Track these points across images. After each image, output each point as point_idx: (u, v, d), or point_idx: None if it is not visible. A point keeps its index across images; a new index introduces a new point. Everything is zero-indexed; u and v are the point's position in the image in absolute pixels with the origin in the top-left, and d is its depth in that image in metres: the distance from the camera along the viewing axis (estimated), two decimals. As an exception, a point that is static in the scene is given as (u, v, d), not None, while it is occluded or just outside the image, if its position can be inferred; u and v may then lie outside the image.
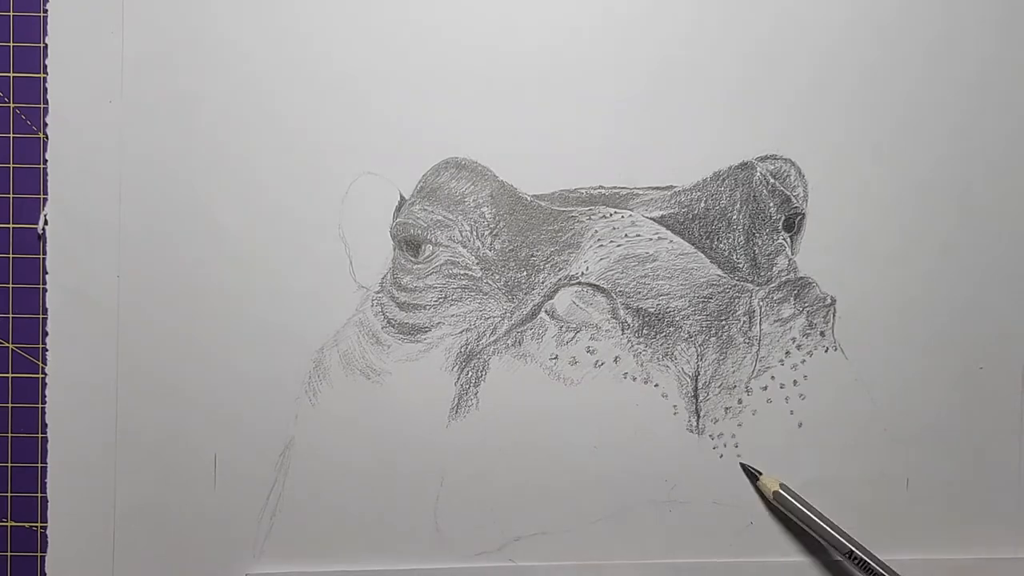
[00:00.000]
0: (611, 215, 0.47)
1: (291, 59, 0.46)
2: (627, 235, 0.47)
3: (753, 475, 0.46)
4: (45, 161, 0.46)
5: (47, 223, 0.46)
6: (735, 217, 0.47)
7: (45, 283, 0.46)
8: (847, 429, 0.47)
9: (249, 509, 0.46)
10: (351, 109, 0.46)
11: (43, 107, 0.46)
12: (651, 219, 0.47)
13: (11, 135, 0.46)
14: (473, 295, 0.47)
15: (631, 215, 0.47)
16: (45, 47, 0.46)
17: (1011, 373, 0.48)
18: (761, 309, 0.47)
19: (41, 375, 0.46)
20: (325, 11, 0.46)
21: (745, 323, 0.47)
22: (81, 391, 0.46)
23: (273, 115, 0.46)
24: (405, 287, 0.47)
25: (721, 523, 0.47)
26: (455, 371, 0.47)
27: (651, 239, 0.47)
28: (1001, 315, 0.48)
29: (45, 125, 0.46)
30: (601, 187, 0.47)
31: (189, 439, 0.46)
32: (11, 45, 0.46)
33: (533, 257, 0.47)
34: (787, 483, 0.47)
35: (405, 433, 0.47)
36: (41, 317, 0.46)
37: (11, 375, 0.47)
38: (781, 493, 0.46)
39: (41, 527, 0.47)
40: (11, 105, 0.46)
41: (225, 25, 0.46)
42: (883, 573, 0.44)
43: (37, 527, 0.47)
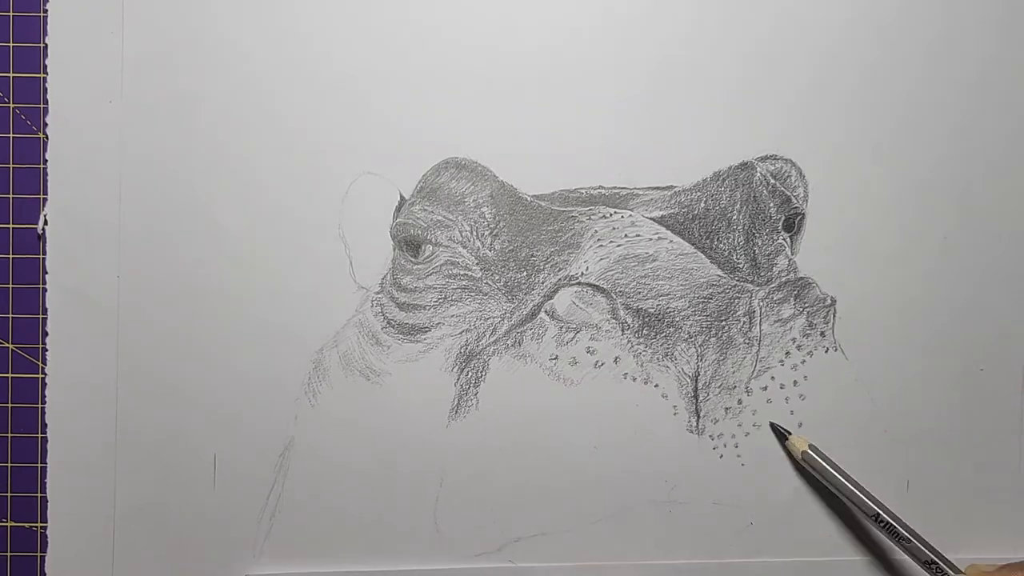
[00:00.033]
0: (611, 215, 0.47)
1: (291, 59, 0.46)
2: (627, 235, 0.46)
3: (782, 434, 0.46)
4: (45, 161, 0.46)
5: (47, 223, 0.46)
6: (735, 217, 0.47)
7: (45, 283, 0.46)
8: (847, 430, 0.47)
9: (249, 509, 0.46)
10: (351, 109, 0.46)
11: (43, 107, 0.46)
12: (651, 219, 0.47)
13: (11, 135, 0.46)
14: (473, 295, 0.47)
15: (631, 215, 0.47)
16: (45, 47, 0.46)
17: (1011, 373, 0.48)
18: (761, 309, 0.47)
19: (41, 375, 0.46)
20: (325, 11, 0.46)
21: (745, 323, 0.47)
22: (81, 391, 0.46)
23: (273, 115, 0.46)
24: (405, 287, 0.47)
25: (721, 524, 0.47)
26: (455, 371, 0.47)
27: (651, 239, 0.47)
28: (1001, 315, 0.48)
29: (45, 125, 0.46)
30: (601, 187, 0.47)
31: (189, 439, 0.46)
32: (11, 45, 0.46)
33: (533, 257, 0.47)
34: (787, 484, 0.47)
35: (405, 434, 0.47)
36: (41, 317, 0.46)
37: (11, 375, 0.47)
38: (809, 452, 0.45)
39: (41, 527, 0.46)
40: (11, 105, 0.46)
41: (225, 25, 0.46)
42: (909, 538, 0.44)
43: (37, 527, 0.47)
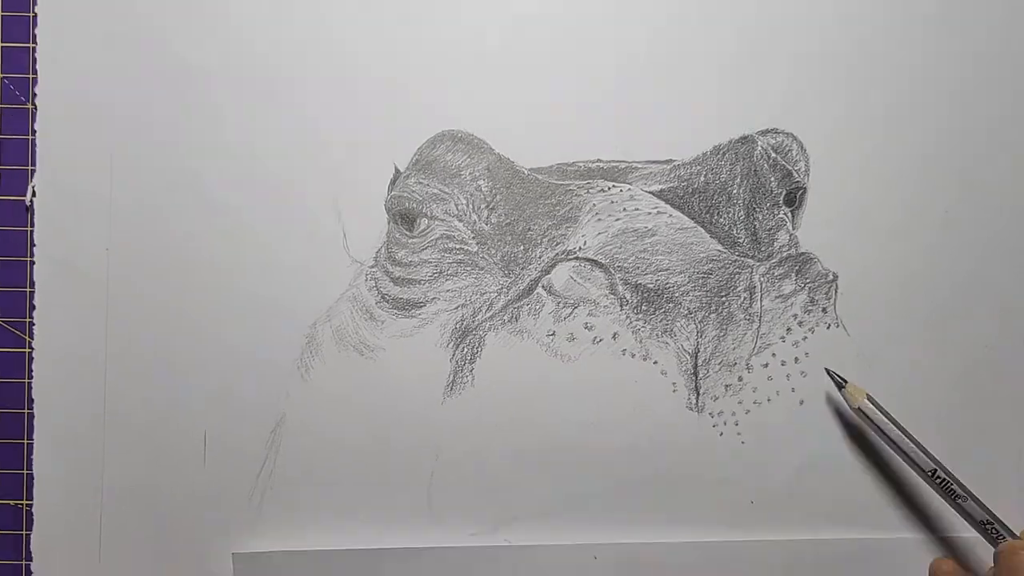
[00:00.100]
0: (609, 189, 0.46)
1: (287, 31, 0.45)
2: (626, 209, 0.46)
3: (839, 383, 0.45)
4: (34, 132, 0.45)
5: (35, 195, 0.45)
6: (735, 191, 0.46)
7: (33, 256, 0.45)
8: (849, 407, 0.46)
9: (240, 487, 0.45)
10: (346, 80, 0.46)
11: (32, 77, 0.45)
12: (650, 193, 0.46)
13: (0, 105, 0.46)
14: (469, 270, 0.46)
15: (630, 189, 0.46)
16: (34, 17, 0.45)
17: (1015, 349, 0.47)
18: (762, 285, 0.46)
19: (28, 349, 0.45)
20: (320, -19, 0.46)
21: (746, 299, 0.46)
22: (68, 366, 0.45)
23: (268, 87, 0.45)
24: (400, 261, 0.46)
25: (721, 501, 0.46)
26: (450, 347, 0.46)
27: (650, 213, 0.46)
28: (1004, 290, 0.47)
29: (34, 95, 0.45)
30: (599, 160, 0.46)
31: (179, 415, 0.45)
32: (0, 15, 0.46)
33: (530, 231, 0.46)
34: (788, 462, 0.46)
35: (399, 410, 0.46)
36: (28, 290, 0.45)
37: (-3, 350, 0.46)
38: (867, 403, 0.44)
39: (27, 505, 0.46)
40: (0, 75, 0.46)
41: (218, -5, 0.45)
42: (965, 496, 0.43)
43: (23, 504, 0.46)
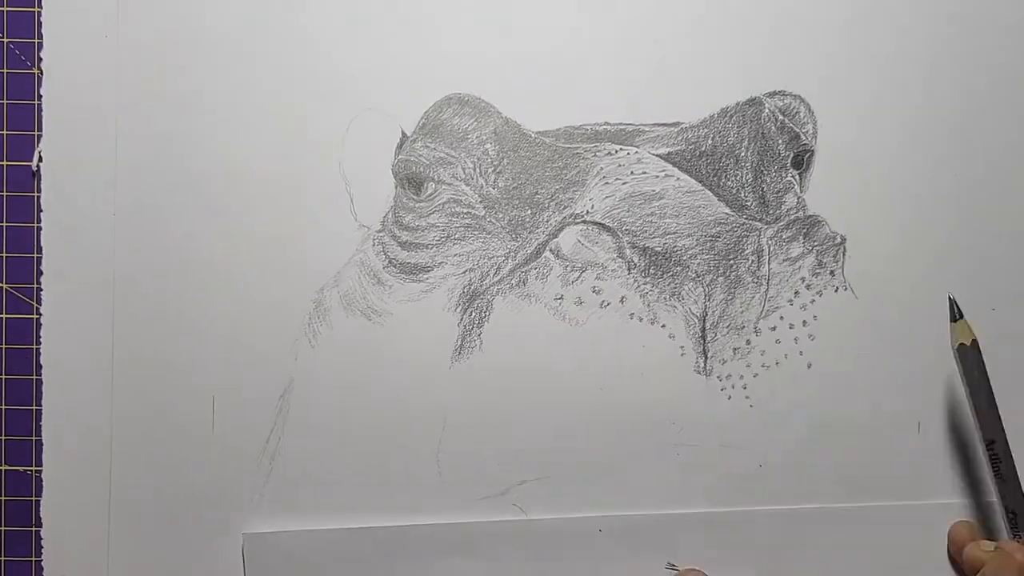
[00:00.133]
0: (617, 152, 0.46)
1: (291, -7, 0.45)
2: (633, 172, 0.46)
3: (955, 315, 0.44)
4: (40, 97, 0.45)
5: (42, 160, 0.45)
6: (743, 154, 0.46)
7: (40, 221, 0.45)
8: (857, 371, 0.46)
9: (248, 451, 0.45)
10: (353, 44, 0.45)
11: (38, 42, 0.45)
12: (658, 156, 0.46)
13: (5, 71, 0.46)
14: (476, 234, 0.46)
15: (637, 152, 0.46)
16: (40, -19, 0.45)
17: (1022, 310, 0.47)
18: (770, 248, 0.46)
19: (36, 316, 0.45)
20: (325, -56, 0.45)
21: (753, 262, 0.46)
22: (77, 332, 0.45)
23: (275, 50, 0.45)
24: (407, 226, 0.46)
25: (730, 466, 0.46)
26: (458, 312, 0.46)
27: (658, 176, 0.46)
28: (1012, 252, 0.47)
29: (40, 60, 0.45)
30: (607, 123, 0.46)
31: (187, 380, 0.45)
32: (5, -20, 0.46)
33: (537, 195, 0.46)
34: (796, 426, 0.46)
35: (407, 375, 0.46)
36: (36, 256, 0.45)
37: (5, 316, 0.46)
38: (967, 347, 0.43)
39: (36, 471, 0.46)
40: (5, 40, 0.46)
41: (223, -41, 0.45)
42: (1007, 477, 0.43)
43: (32, 471, 0.46)
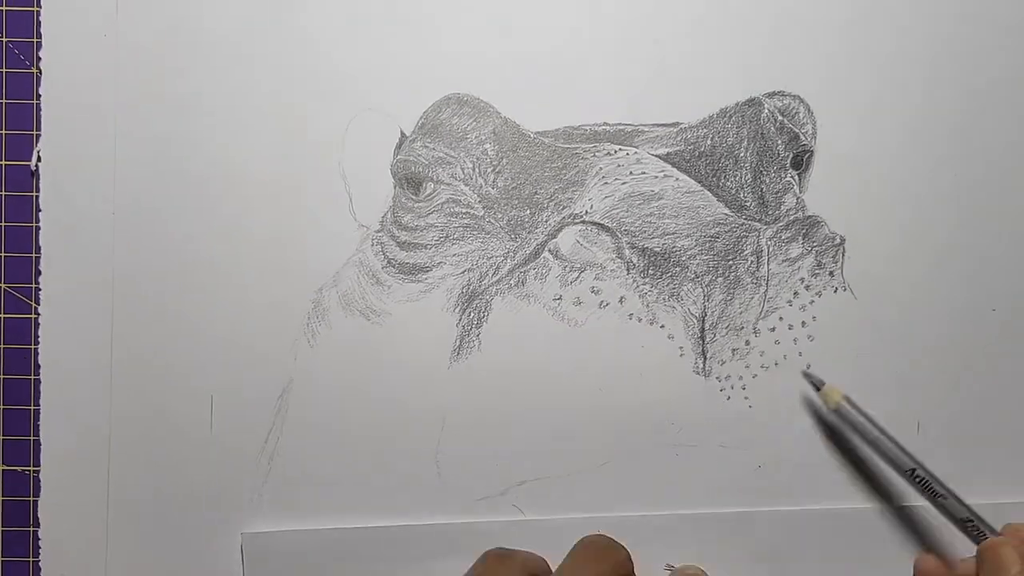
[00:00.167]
0: (616, 152, 0.46)
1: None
2: (632, 173, 0.46)
3: (816, 384, 0.45)
4: (39, 96, 0.45)
5: (40, 160, 0.45)
6: (742, 155, 0.46)
7: (38, 221, 0.45)
8: (856, 371, 0.46)
9: (247, 451, 0.45)
10: (352, 45, 0.45)
11: (36, 41, 0.45)
12: (657, 156, 0.46)
13: (4, 70, 0.46)
14: (475, 234, 0.46)
15: (636, 152, 0.46)
16: (39, -19, 0.45)
17: (1023, 312, 0.47)
18: (769, 248, 0.46)
19: (34, 315, 0.45)
20: (324, -56, 0.45)
21: (753, 263, 0.46)
22: (75, 332, 0.45)
23: (274, 50, 0.45)
24: (406, 226, 0.46)
25: (729, 467, 0.46)
26: (457, 312, 0.46)
27: (657, 177, 0.46)
28: (1012, 253, 0.47)
29: (39, 59, 0.45)
30: (606, 123, 0.46)
31: (186, 380, 0.45)
32: (4, -20, 0.46)
33: (536, 195, 0.46)
34: (796, 426, 0.46)
35: (406, 375, 0.46)
36: (34, 256, 0.45)
37: (3, 316, 0.46)
38: (843, 404, 0.44)
39: (34, 471, 0.45)
40: (4, 40, 0.46)
41: (222, -42, 0.45)
42: (944, 493, 0.43)
43: (30, 471, 0.46)
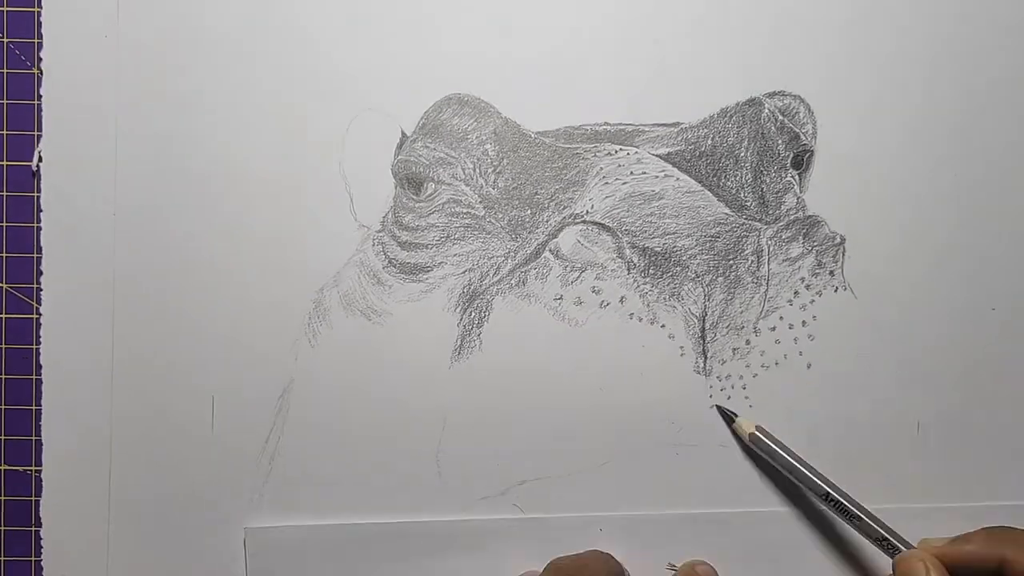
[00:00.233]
0: (616, 152, 0.46)
1: (290, -7, 0.45)
2: (633, 172, 0.46)
3: (729, 417, 0.45)
4: (39, 97, 0.45)
5: (41, 160, 0.45)
6: (743, 155, 0.46)
7: (40, 222, 0.45)
8: (857, 371, 0.46)
9: (248, 451, 0.45)
10: (352, 45, 0.45)
11: (37, 42, 0.45)
12: (657, 156, 0.46)
13: (5, 71, 0.46)
14: (476, 234, 0.46)
15: (637, 152, 0.46)
16: (39, -19, 0.45)
17: (1022, 311, 0.47)
18: (769, 248, 0.46)
19: (36, 316, 0.45)
20: (325, -56, 0.45)
21: (753, 263, 0.46)
22: (76, 332, 0.45)
23: (275, 50, 0.45)
24: (407, 226, 0.46)
25: (729, 466, 0.46)
26: (458, 312, 0.46)
27: (657, 177, 0.46)
28: (1013, 253, 0.47)
29: (39, 60, 0.45)
30: (606, 123, 0.46)
31: (187, 380, 0.45)
32: (5, -20, 0.46)
33: (537, 195, 0.46)
34: (796, 425, 0.46)
35: (407, 375, 0.46)
36: (35, 256, 0.45)
37: (5, 316, 0.46)
38: (756, 435, 0.45)
39: (35, 471, 0.46)
40: (5, 40, 0.46)
41: (223, -41, 0.45)
42: (859, 514, 0.43)
43: (31, 471, 0.46)
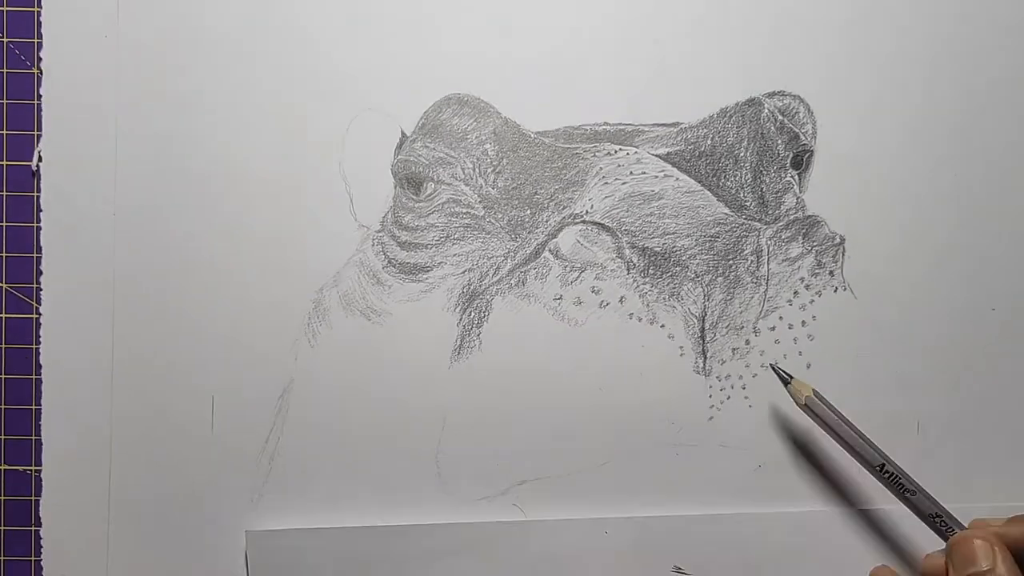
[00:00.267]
0: (616, 152, 0.46)
1: (290, -7, 0.45)
2: (632, 172, 0.46)
3: (785, 379, 0.45)
4: (39, 97, 0.45)
5: (41, 160, 0.45)
6: (742, 155, 0.46)
7: (39, 221, 0.45)
8: (856, 371, 0.46)
9: (248, 452, 0.45)
10: (352, 45, 0.45)
11: (37, 42, 0.45)
12: (657, 156, 0.46)
13: (5, 70, 0.46)
14: (476, 234, 0.46)
15: (636, 152, 0.46)
16: (39, -19, 0.45)
17: (1022, 312, 0.47)
18: (769, 248, 0.46)
19: (35, 315, 0.45)
20: (325, -56, 0.45)
21: (753, 262, 0.46)
22: (76, 332, 0.45)
23: (275, 50, 0.45)
24: (406, 226, 0.46)
25: (729, 466, 0.46)
26: (457, 311, 0.46)
27: (657, 177, 0.46)
28: (1012, 254, 0.47)
29: (39, 60, 0.45)
30: (606, 123, 0.46)
31: (187, 381, 0.45)
32: (5, -20, 0.46)
33: (537, 195, 0.46)
34: (795, 425, 0.46)
35: (406, 375, 0.46)
36: (35, 256, 0.45)
37: (5, 316, 0.46)
38: (813, 398, 0.44)
39: (35, 470, 0.46)
40: (5, 40, 0.46)
41: (223, -41, 0.45)
42: (913, 489, 0.43)
43: (31, 471, 0.46)
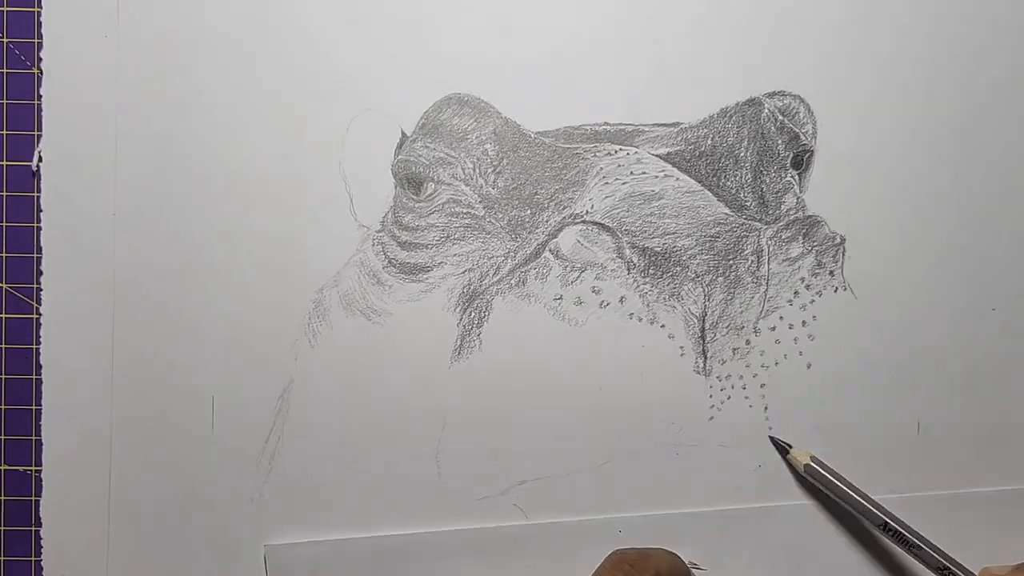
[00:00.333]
0: (616, 152, 0.46)
1: (290, -7, 0.45)
2: (633, 172, 0.46)
3: (783, 448, 0.45)
4: (39, 97, 0.45)
5: (41, 160, 0.45)
6: (743, 154, 0.46)
7: (39, 222, 0.45)
8: (857, 371, 0.46)
9: (248, 452, 0.45)
10: (352, 45, 0.45)
11: (37, 42, 0.45)
12: (657, 156, 0.46)
13: (5, 71, 0.46)
14: (476, 234, 0.46)
15: (637, 152, 0.46)
16: (39, -19, 0.45)
17: (1022, 311, 0.47)
18: (769, 248, 0.46)
19: (36, 316, 0.45)
20: (325, -56, 0.45)
21: (753, 263, 0.46)
22: (76, 332, 0.45)
23: (275, 50, 0.45)
24: (407, 226, 0.46)
25: (729, 466, 0.46)
26: (457, 312, 0.46)
27: (657, 177, 0.46)
28: (1014, 253, 0.47)
29: (39, 60, 0.45)
30: (606, 123, 0.46)
31: (187, 381, 0.45)
32: (5, -20, 0.46)
33: (537, 195, 0.46)
34: (796, 426, 0.46)
35: (406, 375, 0.46)
36: (35, 256, 0.45)
37: (5, 316, 0.46)
38: (812, 465, 0.44)
39: (35, 471, 0.46)
40: (5, 40, 0.46)
41: (223, -41, 0.45)
42: (919, 543, 0.42)
43: (31, 471, 0.46)
